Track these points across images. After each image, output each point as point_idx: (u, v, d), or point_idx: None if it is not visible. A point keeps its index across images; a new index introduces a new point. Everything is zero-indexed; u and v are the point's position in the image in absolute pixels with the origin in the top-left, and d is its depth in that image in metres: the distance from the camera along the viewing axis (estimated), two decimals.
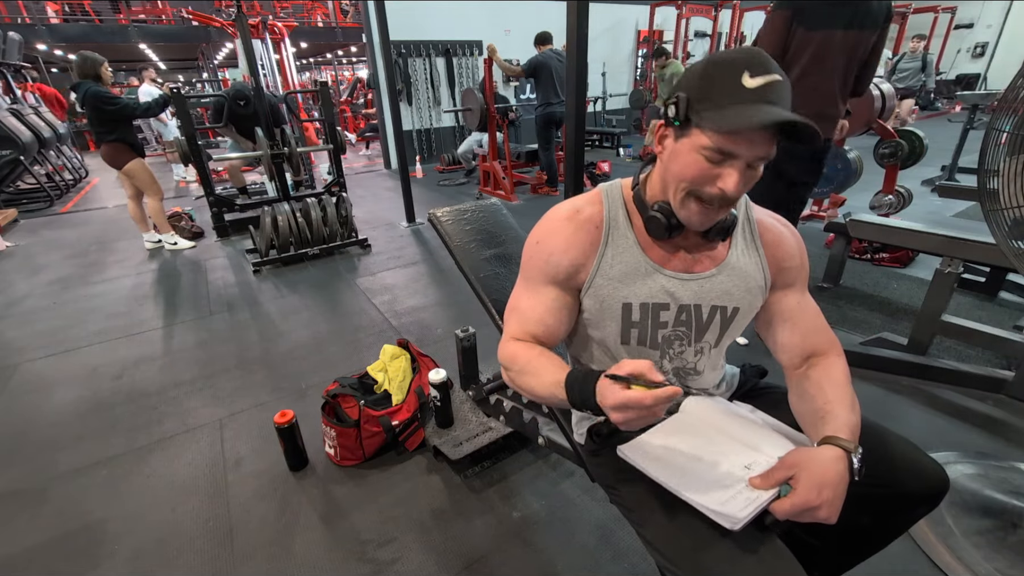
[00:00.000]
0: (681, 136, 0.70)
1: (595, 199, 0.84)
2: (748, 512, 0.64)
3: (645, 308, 0.80)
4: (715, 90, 0.65)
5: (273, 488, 1.55)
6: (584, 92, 2.05)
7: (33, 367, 2.33)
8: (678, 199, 0.73)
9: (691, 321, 0.82)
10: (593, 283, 0.81)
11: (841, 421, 0.72)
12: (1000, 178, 1.19)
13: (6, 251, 4.16)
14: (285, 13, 12.44)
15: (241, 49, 3.79)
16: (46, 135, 5.83)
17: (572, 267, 0.80)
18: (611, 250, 0.80)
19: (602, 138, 7.85)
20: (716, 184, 0.69)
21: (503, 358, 0.84)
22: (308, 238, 3.59)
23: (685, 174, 0.70)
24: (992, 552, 1.20)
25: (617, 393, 0.62)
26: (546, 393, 0.76)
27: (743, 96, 0.63)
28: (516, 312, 0.85)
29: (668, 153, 0.73)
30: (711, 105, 0.65)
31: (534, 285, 0.83)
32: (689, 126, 0.68)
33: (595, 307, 0.82)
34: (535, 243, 0.83)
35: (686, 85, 0.69)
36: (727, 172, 0.68)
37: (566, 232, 0.81)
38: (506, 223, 1.54)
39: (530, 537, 1.34)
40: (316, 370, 2.19)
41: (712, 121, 0.65)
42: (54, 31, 9.80)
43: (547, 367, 0.76)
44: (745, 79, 0.63)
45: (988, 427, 1.66)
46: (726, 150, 0.66)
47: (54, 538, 1.41)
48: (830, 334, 0.85)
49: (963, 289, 2.58)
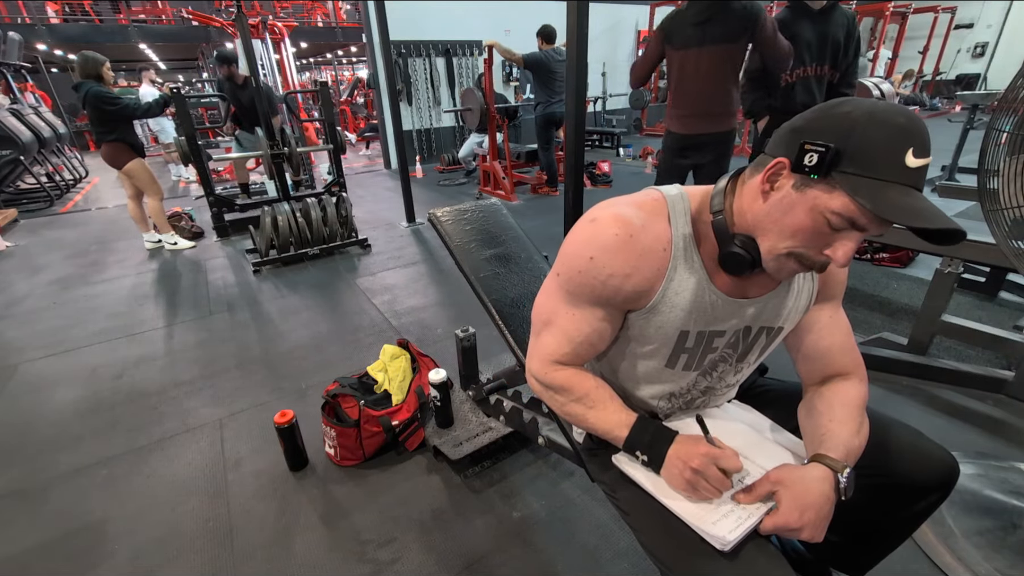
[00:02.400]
0: (805, 187, 0.60)
1: (658, 211, 0.72)
2: (737, 535, 0.64)
3: (702, 336, 0.76)
4: (874, 157, 0.56)
5: (273, 488, 1.55)
6: (584, 92, 2.05)
7: (33, 367, 2.33)
8: (775, 252, 0.65)
9: (739, 343, 0.79)
10: (656, 309, 0.73)
11: (839, 441, 0.70)
12: (1000, 178, 1.19)
13: (6, 251, 4.16)
14: (285, 13, 12.43)
15: (241, 49, 3.78)
16: (46, 135, 5.83)
17: (634, 293, 0.72)
18: (679, 277, 0.72)
19: (602, 138, 7.85)
20: (825, 251, 0.62)
21: (551, 382, 0.80)
22: (308, 238, 3.59)
23: (798, 233, 0.62)
24: (992, 552, 1.20)
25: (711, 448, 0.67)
26: (600, 427, 0.77)
27: (905, 176, 0.56)
28: (555, 327, 0.78)
29: (779, 199, 0.63)
30: (865, 172, 0.56)
31: (579, 301, 0.75)
32: (823, 182, 0.59)
33: (649, 329, 0.75)
34: (588, 258, 0.71)
35: (835, 135, 0.57)
36: (843, 243, 0.60)
37: (630, 254, 0.69)
38: (506, 223, 1.54)
39: (530, 537, 1.34)
40: (316, 370, 2.19)
41: (866, 197, 0.56)
42: (54, 31, 9.79)
43: (608, 402, 0.78)
44: (909, 158, 0.55)
45: (988, 427, 1.66)
46: (860, 224, 0.58)
47: (54, 538, 1.41)
48: (857, 356, 0.81)
49: (963, 289, 2.58)
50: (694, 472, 0.68)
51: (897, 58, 9.28)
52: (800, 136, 0.60)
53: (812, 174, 0.59)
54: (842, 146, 0.56)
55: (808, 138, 0.59)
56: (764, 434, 0.83)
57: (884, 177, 0.56)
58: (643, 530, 0.76)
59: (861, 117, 0.57)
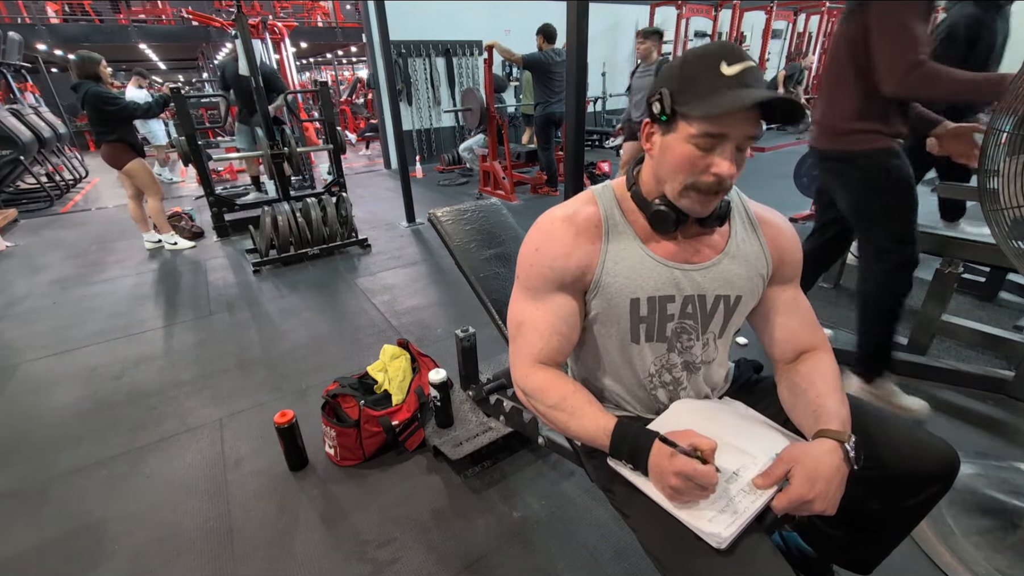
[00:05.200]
0: (668, 131, 0.73)
1: (588, 200, 0.84)
2: (733, 530, 0.64)
3: (652, 302, 0.81)
4: (696, 81, 0.68)
5: (273, 488, 1.55)
6: (584, 92, 2.05)
7: (33, 367, 2.33)
8: (677, 192, 0.75)
9: (696, 312, 0.83)
10: (600, 282, 0.80)
11: (832, 413, 0.74)
12: (1000, 178, 1.19)
13: (6, 251, 4.16)
14: (285, 13, 12.43)
15: (241, 49, 3.78)
16: (46, 135, 5.83)
17: (578, 269, 0.80)
18: (613, 247, 0.81)
19: (602, 138, 7.85)
20: (710, 171, 0.71)
21: (529, 387, 0.82)
22: (308, 238, 3.59)
23: (679, 165, 0.72)
24: (992, 552, 1.20)
25: (686, 463, 0.65)
26: (584, 436, 0.78)
27: (724, 83, 0.67)
28: (525, 326, 0.84)
29: (658, 149, 0.76)
30: (694, 95, 0.68)
31: (539, 294, 0.82)
32: (675, 119, 0.71)
33: (603, 306, 0.82)
34: (534, 251, 0.82)
35: (667, 82, 0.72)
36: (719, 157, 0.70)
37: (566, 235, 0.80)
38: (506, 223, 1.55)
39: (530, 537, 1.34)
40: (316, 370, 2.19)
41: (698, 109, 0.67)
42: (54, 31, 9.79)
43: (586, 408, 0.78)
44: (723, 68, 0.67)
45: (988, 427, 1.66)
46: (715, 133, 0.68)
47: (54, 538, 1.41)
48: (821, 331, 0.88)
49: (963, 289, 2.58)
50: (672, 488, 0.68)
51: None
52: (648, 97, 0.75)
53: (662, 116, 0.72)
54: (673, 86, 0.70)
55: (651, 96, 0.74)
56: (759, 424, 0.83)
57: (708, 91, 0.67)
58: (642, 530, 0.76)
59: (679, 60, 0.72)
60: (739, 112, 0.66)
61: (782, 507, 0.66)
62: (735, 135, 0.69)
